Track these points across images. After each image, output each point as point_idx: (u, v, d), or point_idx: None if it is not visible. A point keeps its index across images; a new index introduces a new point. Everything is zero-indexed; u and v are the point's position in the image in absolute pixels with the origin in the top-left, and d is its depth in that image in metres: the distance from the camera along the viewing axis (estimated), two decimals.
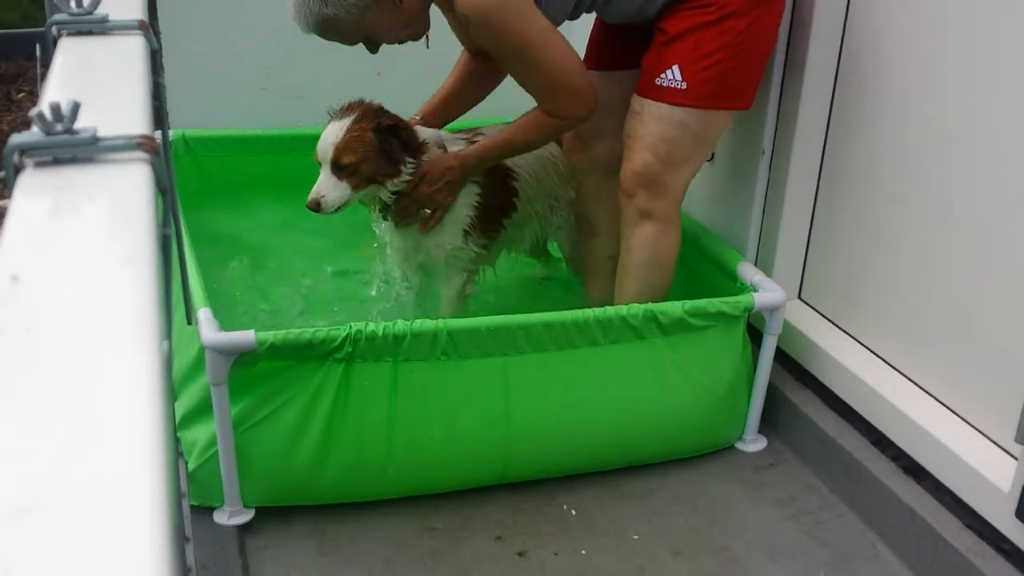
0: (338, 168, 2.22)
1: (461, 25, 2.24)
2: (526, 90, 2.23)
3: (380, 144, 2.24)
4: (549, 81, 2.16)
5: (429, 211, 2.33)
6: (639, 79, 2.25)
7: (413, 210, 2.33)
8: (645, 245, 2.29)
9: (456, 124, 3.05)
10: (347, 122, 2.24)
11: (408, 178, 2.29)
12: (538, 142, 2.32)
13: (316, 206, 2.23)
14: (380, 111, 2.30)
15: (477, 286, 2.56)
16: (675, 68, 2.17)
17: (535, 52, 2.12)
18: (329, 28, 2.15)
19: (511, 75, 2.25)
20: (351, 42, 2.22)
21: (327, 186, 2.23)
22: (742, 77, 2.23)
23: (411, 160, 2.29)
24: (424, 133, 2.39)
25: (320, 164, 2.24)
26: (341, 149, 2.21)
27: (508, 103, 3.41)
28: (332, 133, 2.23)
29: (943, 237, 2.09)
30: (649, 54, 2.24)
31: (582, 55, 2.43)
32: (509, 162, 2.46)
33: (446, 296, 2.47)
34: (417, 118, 2.51)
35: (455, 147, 2.38)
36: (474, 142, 2.41)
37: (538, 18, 2.10)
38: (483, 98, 2.58)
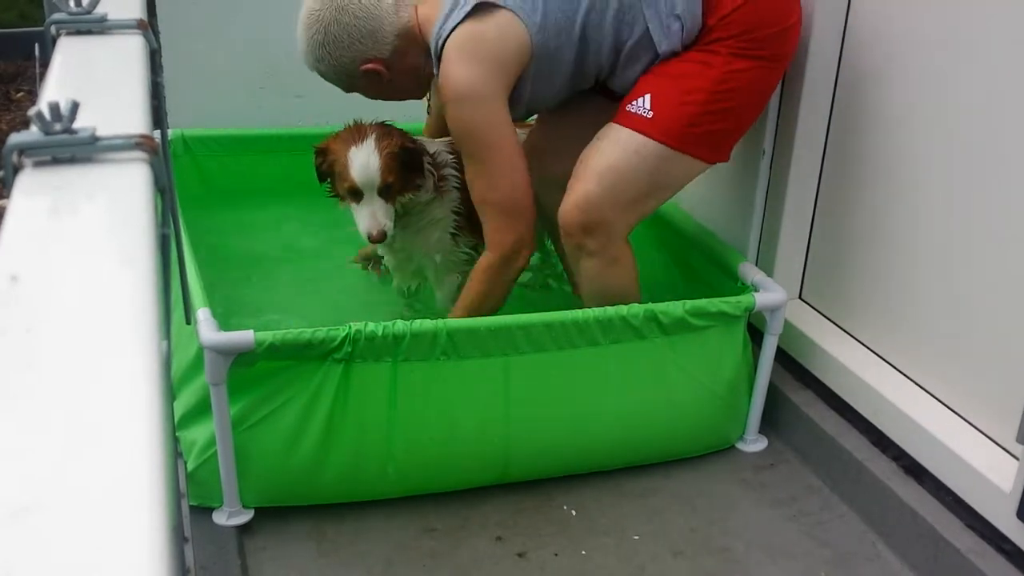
0: (384, 191, 2.22)
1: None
2: (472, 197, 2.22)
3: (403, 160, 2.25)
4: (488, 188, 2.15)
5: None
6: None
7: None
8: (592, 279, 2.23)
9: None
10: (372, 144, 2.22)
11: (428, 193, 2.33)
12: (493, 290, 2.24)
13: (383, 236, 2.23)
14: (391, 127, 2.32)
15: None
16: (647, 97, 2.11)
17: (485, 153, 2.12)
18: (324, 78, 2.29)
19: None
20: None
21: (383, 212, 2.23)
22: (718, 128, 2.15)
23: (431, 171, 2.32)
24: (432, 145, 2.41)
25: (362, 191, 2.22)
26: (385, 171, 2.21)
27: None
28: (367, 158, 2.21)
29: (944, 237, 2.09)
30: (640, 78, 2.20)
31: None
32: None
33: (441, 298, 2.48)
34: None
35: (445, 155, 2.41)
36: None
37: (503, 127, 2.11)
38: None
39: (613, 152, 2.13)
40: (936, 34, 2.07)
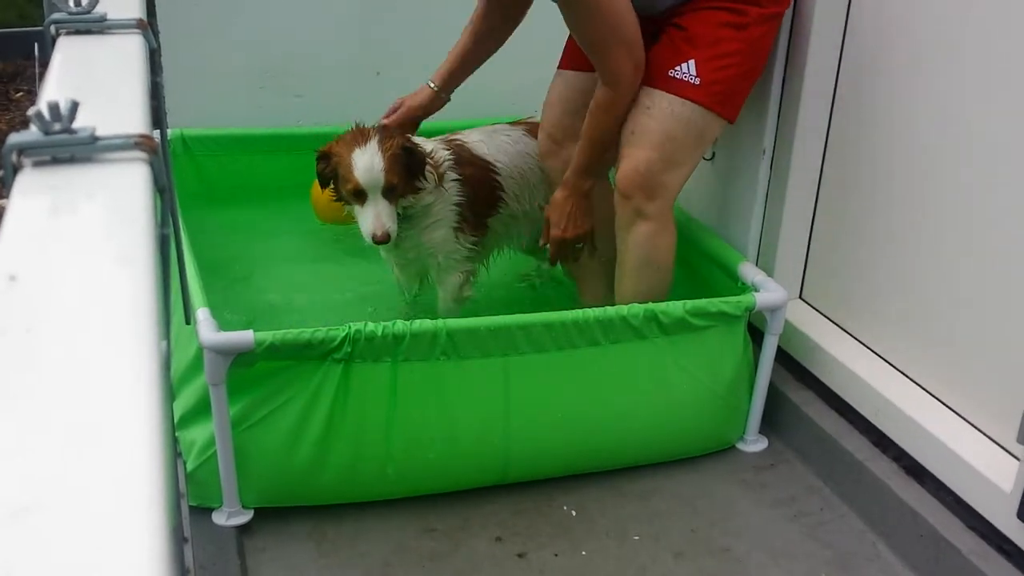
0: (388, 192, 2.22)
1: None
2: (580, 42, 2.21)
3: (406, 161, 2.25)
4: (605, 29, 2.13)
5: (580, 244, 2.37)
6: (647, 70, 2.20)
7: (567, 255, 2.38)
8: (640, 245, 2.27)
9: (439, 125, 3.05)
10: (375, 146, 2.22)
11: (427, 193, 2.32)
12: (613, 122, 2.23)
13: (387, 237, 2.23)
14: (392, 129, 2.34)
15: (478, 288, 2.56)
16: (691, 63, 2.16)
17: None
18: None
19: (568, 23, 2.20)
20: None
21: (387, 213, 2.23)
22: (742, 87, 2.24)
23: (431, 170, 2.33)
24: (428, 144, 2.41)
25: (366, 192, 2.22)
26: (389, 172, 2.21)
27: (495, 103, 3.42)
28: (371, 160, 2.20)
29: (945, 237, 2.09)
30: (661, 46, 2.22)
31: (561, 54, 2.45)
32: (490, 157, 2.49)
33: (443, 297, 2.48)
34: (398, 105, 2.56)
35: (441, 153, 2.40)
36: (455, 143, 2.47)
37: None
38: (487, 59, 2.59)
39: (667, 122, 2.18)
40: (937, 33, 2.06)
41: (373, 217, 2.23)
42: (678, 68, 2.17)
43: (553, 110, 2.44)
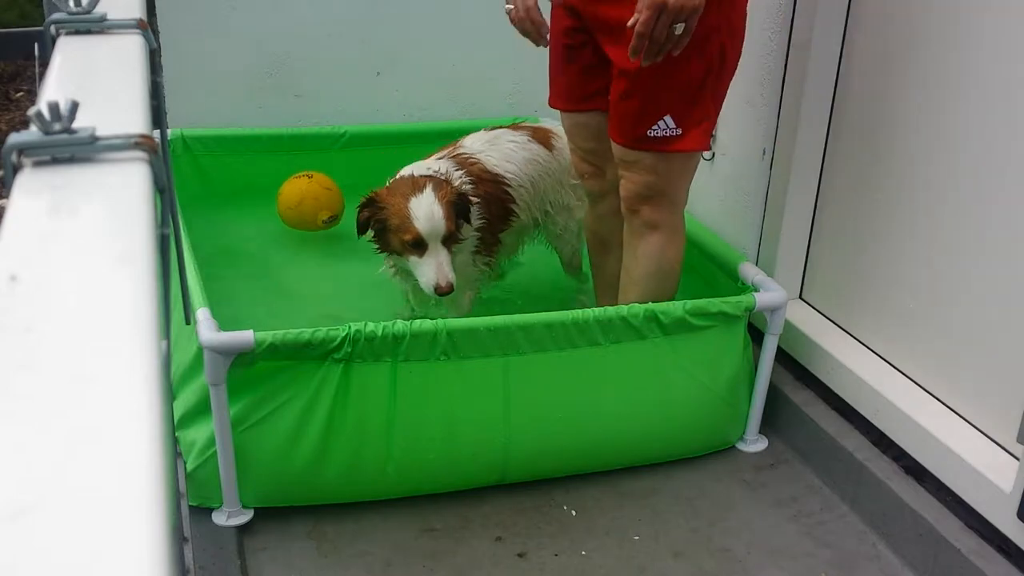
0: (446, 239, 2.18)
1: None
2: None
3: (458, 207, 2.23)
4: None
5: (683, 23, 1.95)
6: (616, 123, 2.11)
7: (661, 39, 1.90)
8: (651, 255, 2.22)
9: (440, 125, 3.04)
10: (432, 194, 2.17)
11: (473, 240, 2.30)
12: None
13: (450, 288, 2.17)
14: (442, 179, 2.28)
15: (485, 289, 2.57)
16: (668, 118, 2.04)
17: None
18: None
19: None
20: None
21: (447, 262, 2.18)
22: (715, 109, 2.11)
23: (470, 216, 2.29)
24: (441, 166, 2.37)
25: (427, 242, 2.16)
26: (448, 220, 2.17)
27: (495, 103, 3.42)
28: (431, 208, 2.15)
29: (944, 237, 2.09)
30: (623, 99, 2.07)
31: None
32: (500, 169, 2.45)
33: (451, 314, 2.43)
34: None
35: (459, 175, 2.35)
36: (467, 160, 2.41)
37: None
38: None
39: (658, 167, 2.10)
40: (938, 33, 2.06)
41: (436, 268, 2.17)
42: (657, 126, 2.05)
43: (575, 137, 2.34)
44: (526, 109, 3.30)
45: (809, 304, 2.53)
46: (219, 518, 2.05)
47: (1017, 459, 1.88)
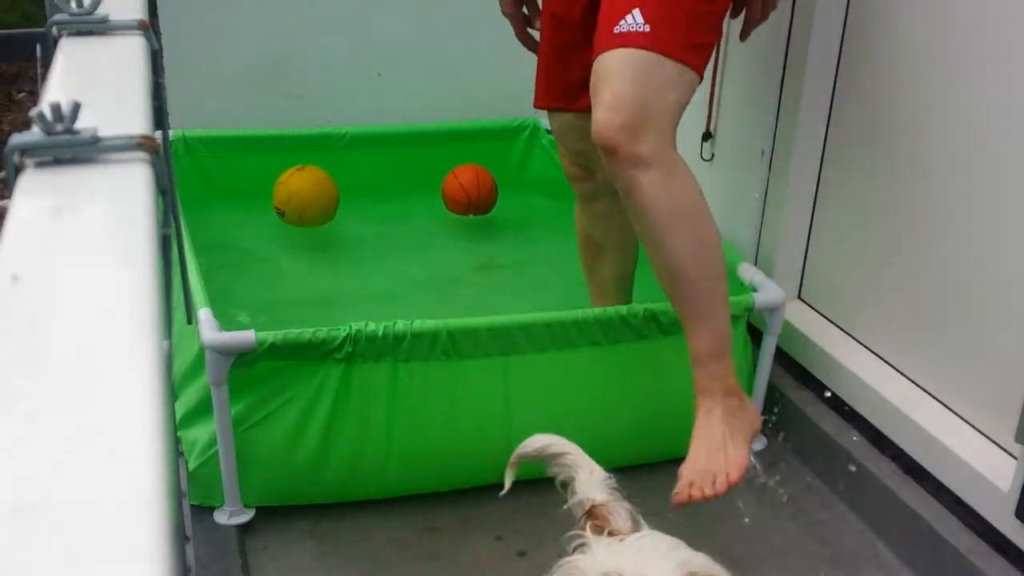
0: None
1: None
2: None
3: None
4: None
5: None
6: (597, 41, 1.87)
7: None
8: (658, 199, 1.79)
9: (439, 125, 3.02)
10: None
11: None
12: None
13: None
14: None
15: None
16: (636, 11, 1.78)
17: None
18: None
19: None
20: None
21: None
22: (703, 30, 1.86)
23: None
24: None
25: None
26: None
27: (495, 103, 3.42)
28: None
29: (944, 237, 2.09)
30: (604, 5, 1.88)
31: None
32: None
33: None
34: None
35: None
36: None
37: None
38: None
39: (625, 65, 1.78)
40: (938, 32, 2.07)
41: None
42: (623, 21, 1.79)
43: (564, 138, 2.26)
44: (526, 110, 3.30)
45: (808, 304, 2.54)
46: (220, 517, 2.05)
47: (1015, 458, 1.88)
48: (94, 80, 0.93)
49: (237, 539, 2.02)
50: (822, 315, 2.49)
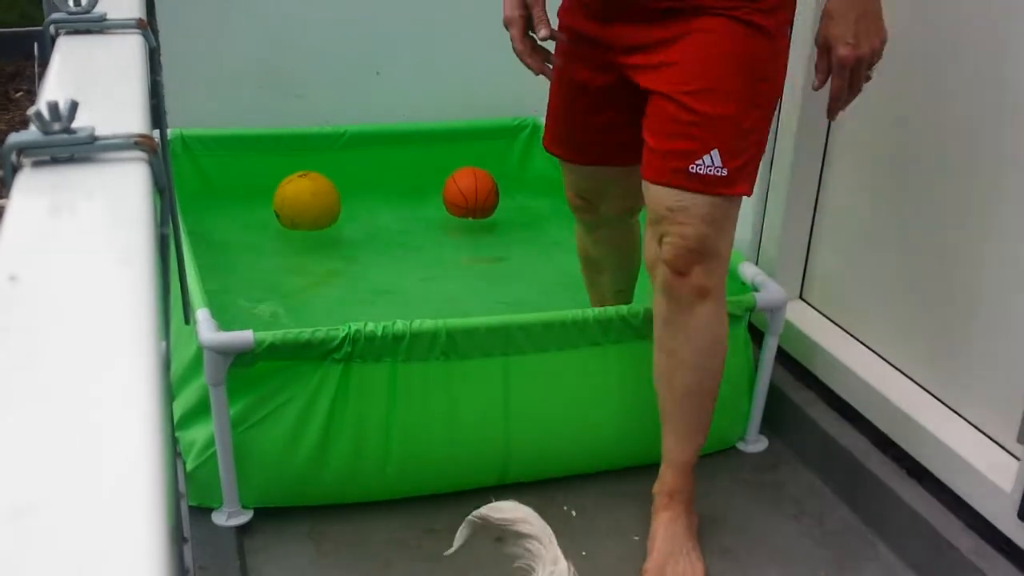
0: None
1: None
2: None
3: None
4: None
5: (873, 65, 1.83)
6: (652, 151, 1.84)
7: (858, 82, 1.83)
8: (703, 331, 1.91)
9: (438, 125, 3.01)
10: None
11: None
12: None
13: None
14: None
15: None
16: (715, 154, 1.77)
17: None
18: None
19: None
20: None
21: None
22: (760, 155, 1.88)
23: None
24: None
25: None
26: None
27: (495, 103, 3.41)
28: None
29: (945, 236, 2.09)
30: (662, 119, 1.82)
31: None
32: None
33: None
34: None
35: None
36: None
37: None
38: None
39: (704, 209, 1.81)
40: (938, 32, 2.06)
41: None
42: (701, 161, 1.77)
43: (571, 175, 2.21)
44: (526, 109, 3.30)
45: (809, 304, 2.53)
46: (219, 518, 2.05)
47: (1017, 459, 1.88)
48: (92, 79, 0.92)
49: (235, 540, 2.01)
50: (823, 315, 2.49)
